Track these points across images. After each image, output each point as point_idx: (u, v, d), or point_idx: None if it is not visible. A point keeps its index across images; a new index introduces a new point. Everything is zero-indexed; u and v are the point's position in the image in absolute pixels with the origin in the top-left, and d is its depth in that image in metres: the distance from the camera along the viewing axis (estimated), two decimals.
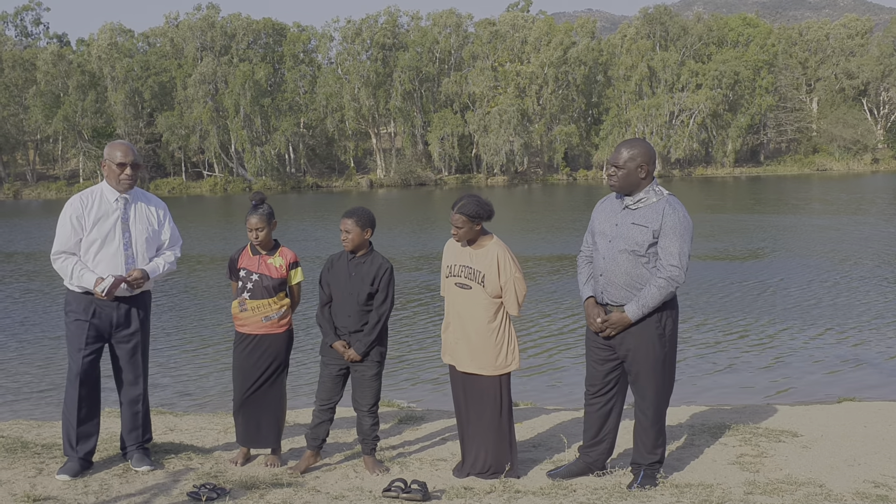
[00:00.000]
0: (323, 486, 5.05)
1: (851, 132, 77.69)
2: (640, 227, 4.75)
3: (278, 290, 5.40)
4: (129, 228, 5.21)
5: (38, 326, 13.60)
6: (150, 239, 5.30)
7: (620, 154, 4.80)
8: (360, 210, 5.33)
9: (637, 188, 4.80)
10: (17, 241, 30.00)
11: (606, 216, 4.95)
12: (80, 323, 5.15)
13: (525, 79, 73.32)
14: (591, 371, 5.10)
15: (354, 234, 5.25)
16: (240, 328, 5.46)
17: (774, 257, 19.93)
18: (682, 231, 4.70)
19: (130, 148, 5.27)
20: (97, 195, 5.22)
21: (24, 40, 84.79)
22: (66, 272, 5.12)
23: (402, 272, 19.10)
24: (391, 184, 73.62)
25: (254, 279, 5.39)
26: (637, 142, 4.87)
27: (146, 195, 5.46)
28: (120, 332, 5.23)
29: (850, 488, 4.85)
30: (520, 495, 4.82)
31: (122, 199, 5.23)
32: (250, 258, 5.45)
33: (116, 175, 5.15)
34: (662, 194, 4.82)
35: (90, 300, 5.14)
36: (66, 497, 4.76)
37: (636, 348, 4.82)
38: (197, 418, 6.95)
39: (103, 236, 5.13)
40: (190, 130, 72.88)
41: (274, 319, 5.39)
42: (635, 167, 4.76)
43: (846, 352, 10.64)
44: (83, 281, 5.07)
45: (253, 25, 79.23)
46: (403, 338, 12.12)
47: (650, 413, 4.93)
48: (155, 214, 5.37)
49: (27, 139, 76.28)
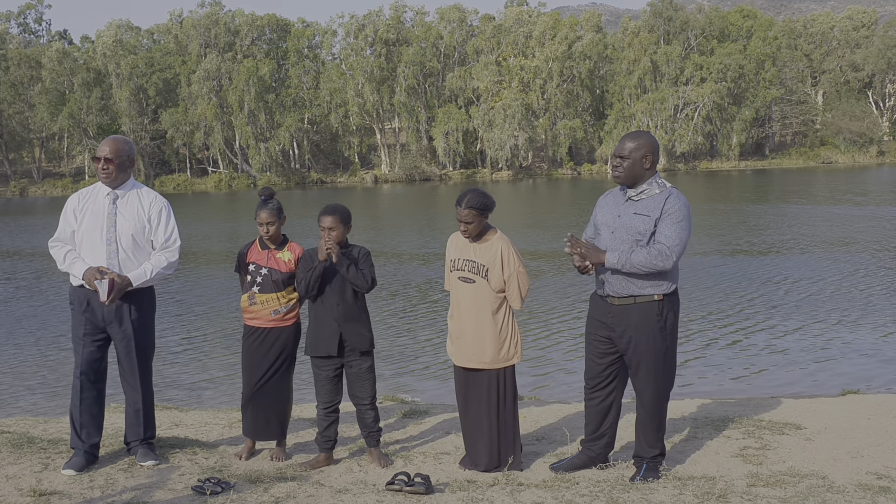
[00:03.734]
0: (327, 479, 5.07)
1: (857, 125, 77.44)
2: (643, 217, 4.78)
3: (287, 284, 5.43)
4: (116, 223, 5.22)
5: (44, 323, 13.66)
6: (137, 235, 5.23)
7: (625, 145, 4.83)
8: (340, 206, 5.32)
9: (641, 179, 4.83)
10: (23, 239, 30.09)
11: (609, 209, 4.97)
12: (78, 315, 5.27)
13: (529, 73, 73.22)
14: (590, 365, 5.12)
15: (339, 230, 5.23)
16: (249, 321, 5.49)
17: (779, 250, 19.91)
18: (680, 218, 4.73)
19: (110, 141, 5.26)
20: (94, 191, 5.34)
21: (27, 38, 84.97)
22: (58, 258, 5.29)
23: (406, 267, 19.11)
24: (396, 179, 73.65)
25: (263, 273, 5.42)
26: (641, 133, 4.91)
27: (146, 192, 5.38)
28: (112, 329, 5.25)
29: (853, 480, 4.86)
30: (522, 488, 4.84)
31: (112, 194, 5.25)
32: (259, 252, 5.48)
33: (97, 169, 5.28)
34: (665, 186, 4.85)
35: (84, 293, 5.20)
36: (72, 491, 4.80)
37: (637, 340, 4.83)
38: (202, 413, 6.98)
39: (91, 229, 5.22)
40: (194, 127, 72.97)
41: (282, 313, 5.42)
42: (640, 157, 4.79)
43: (850, 344, 10.63)
44: (73, 268, 5.20)
45: (257, 21, 79.27)
46: (407, 332, 12.15)
47: (651, 406, 4.94)
48: (147, 212, 5.28)
49: (33, 136, 76.42)
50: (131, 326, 5.24)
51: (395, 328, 12.36)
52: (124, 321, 5.23)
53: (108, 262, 5.16)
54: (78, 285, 5.23)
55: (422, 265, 19.51)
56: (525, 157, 74.72)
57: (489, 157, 73.78)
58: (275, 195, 5.53)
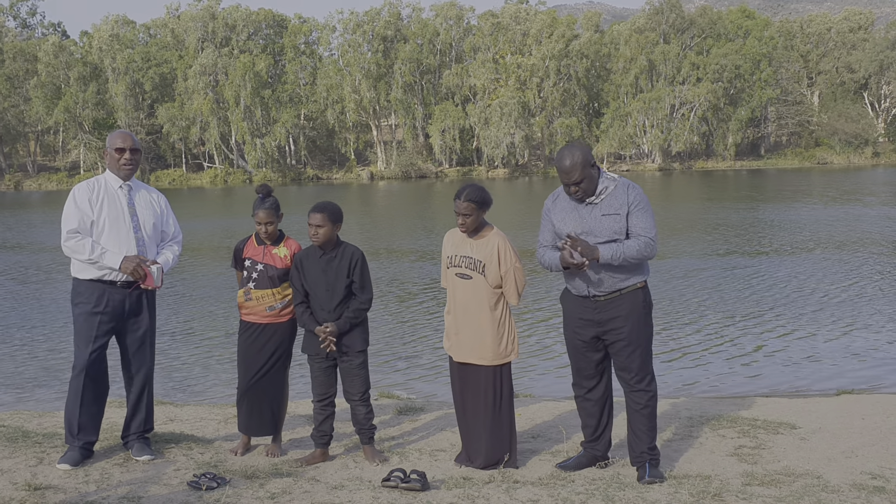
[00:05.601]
0: (322, 475, 5.07)
1: (852, 126, 77.63)
2: (613, 216, 4.82)
3: (282, 279, 5.43)
4: (137, 213, 5.27)
5: (39, 317, 13.63)
6: (157, 225, 5.36)
7: (571, 169, 4.76)
8: (330, 204, 5.32)
9: (596, 184, 4.87)
10: (19, 233, 30.02)
11: (569, 214, 4.95)
12: (92, 314, 5.13)
13: (526, 71, 73.24)
14: (579, 367, 5.12)
15: (326, 228, 5.22)
16: (245, 317, 5.50)
17: (773, 250, 19.95)
18: (645, 206, 4.85)
19: (129, 135, 5.36)
20: (102, 182, 5.29)
21: (23, 31, 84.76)
22: (85, 250, 5.05)
23: (401, 264, 19.12)
24: (392, 176, 73.61)
25: (259, 269, 5.43)
26: (570, 148, 4.89)
27: (146, 186, 5.52)
28: (131, 320, 5.26)
29: (847, 480, 4.88)
30: (518, 485, 4.84)
31: (125, 185, 5.29)
32: (255, 248, 5.49)
33: (116, 161, 5.23)
34: (615, 179, 4.92)
35: (103, 289, 5.14)
36: (67, 486, 4.79)
37: (626, 327, 4.86)
38: (197, 409, 6.97)
39: (113, 219, 5.17)
40: (190, 122, 72.89)
41: (277, 309, 5.42)
42: (588, 168, 4.80)
43: (845, 344, 10.65)
44: (105, 259, 5.06)
45: (254, 16, 79.20)
46: (403, 329, 12.15)
47: (639, 392, 4.94)
48: (157, 203, 5.43)
49: (28, 130, 76.32)
50: (149, 315, 5.32)
51: (390, 325, 12.36)
52: (143, 310, 5.29)
53: (137, 249, 5.19)
54: (91, 279, 5.13)
55: (417, 262, 19.51)
56: (521, 155, 74.77)
57: (485, 155, 73.82)
58: (272, 192, 5.53)
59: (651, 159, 76.13)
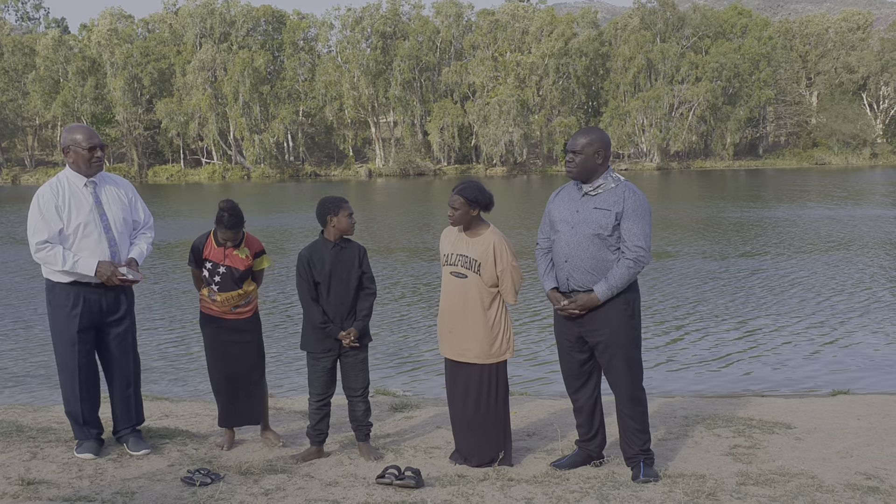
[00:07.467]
0: (317, 472, 5.06)
1: (850, 127, 77.70)
2: (603, 211, 4.83)
3: (245, 279, 5.41)
4: (105, 212, 5.14)
5: (33, 312, 13.60)
6: (127, 219, 5.26)
7: (578, 141, 4.90)
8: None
9: (594, 174, 4.89)
10: (16, 227, 29.98)
11: (565, 205, 5.01)
12: (70, 316, 5.07)
13: (525, 69, 73.23)
14: (567, 366, 5.12)
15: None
16: (206, 310, 5.46)
17: (769, 249, 19.96)
18: (643, 213, 4.83)
19: (92, 130, 5.21)
20: (65, 183, 5.10)
21: (23, 25, 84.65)
22: (56, 260, 4.96)
23: (399, 262, 19.11)
24: (390, 173, 73.56)
25: (221, 272, 5.35)
26: (593, 129, 5.01)
27: (111, 177, 5.37)
28: (110, 318, 5.21)
29: (841, 480, 4.88)
30: (513, 483, 4.84)
31: (90, 183, 5.14)
32: (216, 250, 5.38)
33: (87, 159, 5.06)
34: (619, 180, 4.92)
35: (78, 290, 5.07)
36: (61, 481, 4.78)
37: (609, 331, 4.86)
38: (192, 404, 6.97)
39: (83, 224, 5.04)
40: (189, 117, 72.83)
41: (242, 306, 5.42)
42: (593, 153, 4.85)
43: (840, 344, 10.66)
44: (79, 267, 4.97)
45: (252, 12, 79.10)
46: (399, 327, 12.14)
47: (630, 391, 4.94)
48: (125, 195, 5.31)
49: (26, 124, 76.24)
50: (128, 311, 5.28)
51: (386, 322, 12.35)
52: (122, 307, 5.25)
53: (109, 250, 5.11)
54: (65, 282, 5.06)
55: (414, 259, 19.49)
56: (520, 153, 74.75)
57: (484, 153, 73.81)
58: (235, 205, 5.27)
59: (649, 158, 76.17)
